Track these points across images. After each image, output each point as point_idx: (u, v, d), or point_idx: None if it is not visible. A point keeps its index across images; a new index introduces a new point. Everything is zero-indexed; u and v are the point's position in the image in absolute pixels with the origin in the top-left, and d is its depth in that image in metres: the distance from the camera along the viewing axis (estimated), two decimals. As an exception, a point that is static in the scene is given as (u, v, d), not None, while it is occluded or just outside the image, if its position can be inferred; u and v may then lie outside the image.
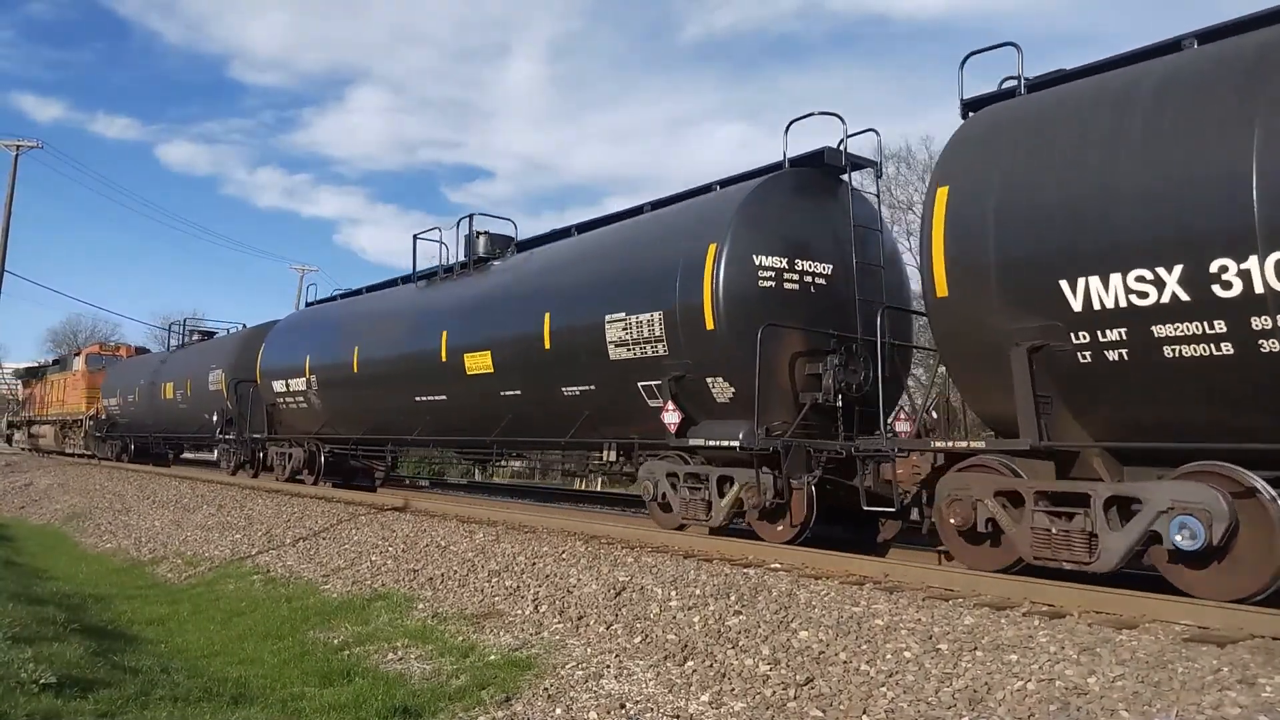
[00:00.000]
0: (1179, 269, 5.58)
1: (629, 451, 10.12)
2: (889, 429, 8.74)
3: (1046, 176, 6.36)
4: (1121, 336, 5.91)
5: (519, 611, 7.34)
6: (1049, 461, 6.54)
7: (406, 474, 22.49)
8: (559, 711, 5.30)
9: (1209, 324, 5.53)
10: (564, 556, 8.44)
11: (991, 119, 7.18)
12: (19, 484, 26.17)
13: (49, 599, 9.24)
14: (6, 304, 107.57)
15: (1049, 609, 5.60)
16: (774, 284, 8.81)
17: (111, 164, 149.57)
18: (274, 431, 18.58)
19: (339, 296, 18.42)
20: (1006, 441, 6.76)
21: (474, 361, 12.08)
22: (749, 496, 8.60)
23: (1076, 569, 6.19)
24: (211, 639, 7.95)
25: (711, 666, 5.54)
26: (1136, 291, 5.76)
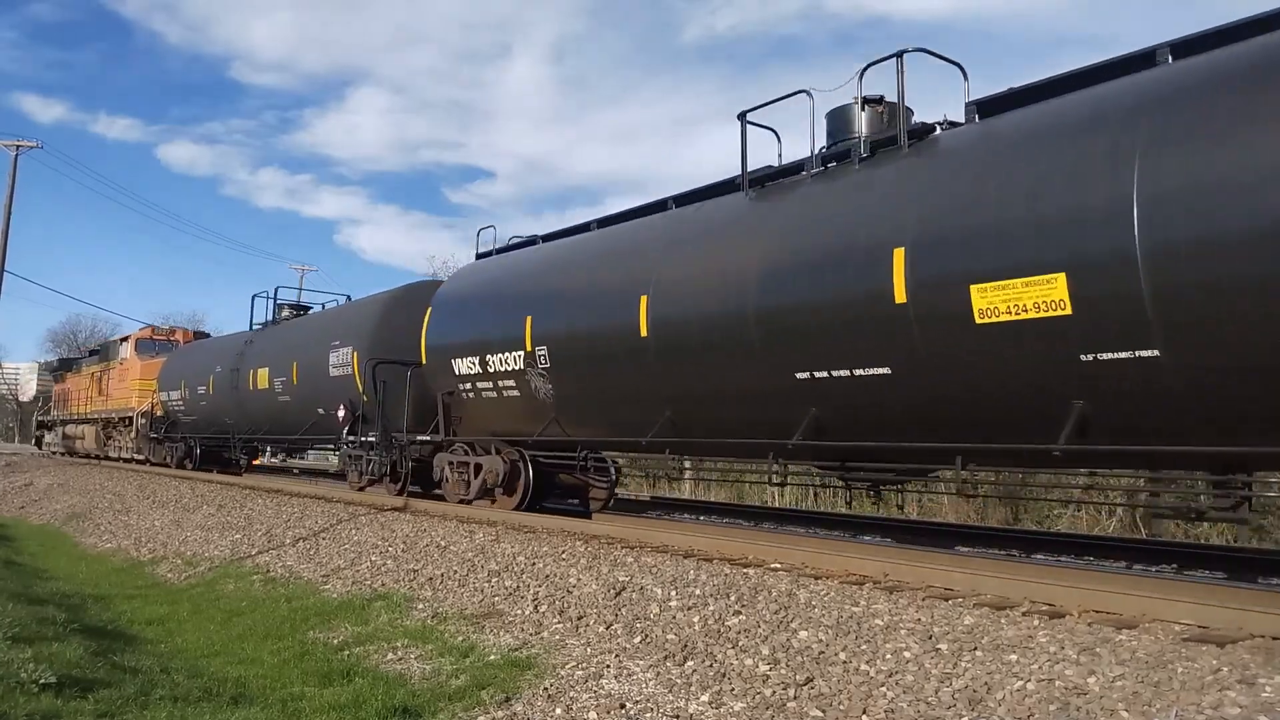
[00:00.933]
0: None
1: None
2: None
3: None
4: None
5: (519, 611, 7.34)
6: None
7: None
8: (559, 711, 5.30)
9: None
10: (564, 556, 8.44)
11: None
12: (19, 484, 26.17)
13: (49, 599, 9.24)
14: (6, 304, 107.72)
15: (1049, 609, 5.60)
16: None
17: (113, 165, 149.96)
18: (452, 431, 13.03)
19: (543, 238, 12.60)
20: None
21: (983, 300, 6.37)
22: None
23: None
24: (211, 639, 7.95)
25: (711, 666, 5.54)
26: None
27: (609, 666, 5.85)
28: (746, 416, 8.46)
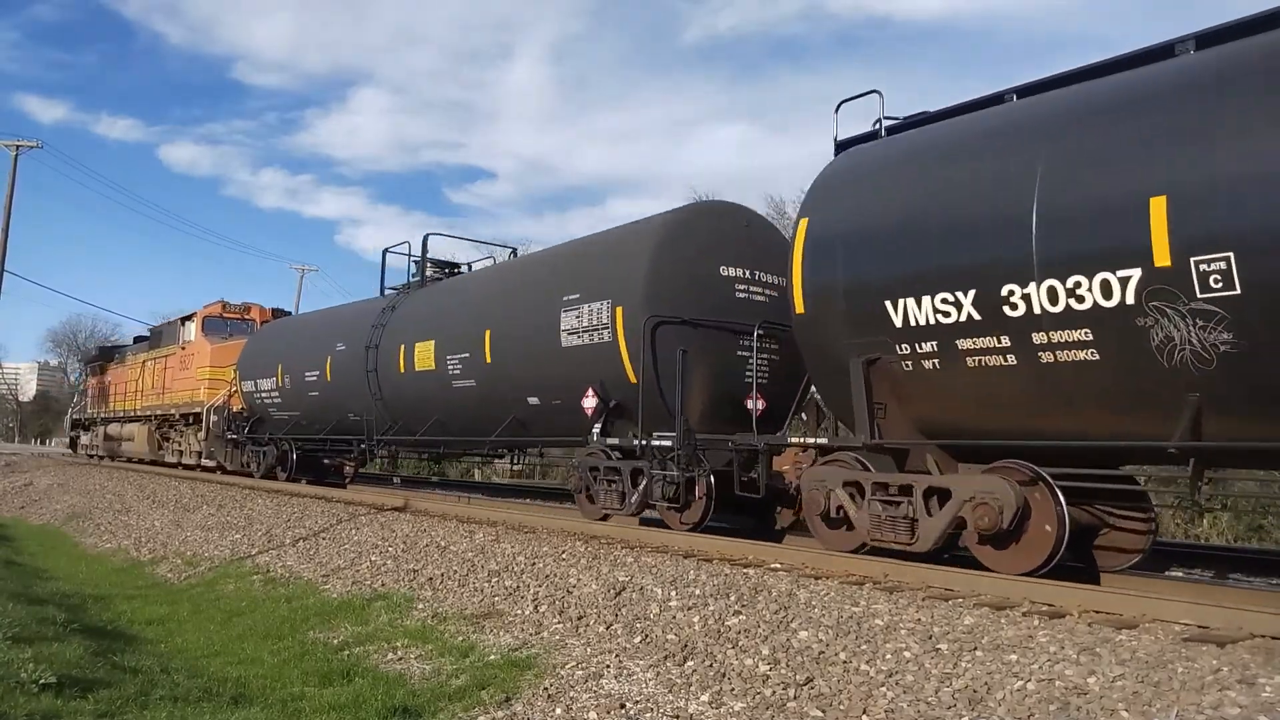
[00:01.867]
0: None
1: None
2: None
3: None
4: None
5: (519, 611, 7.34)
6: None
7: None
8: (559, 711, 5.30)
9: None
10: (564, 556, 8.44)
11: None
12: (19, 484, 26.17)
13: (49, 599, 9.25)
14: (6, 304, 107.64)
15: (1049, 609, 5.60)
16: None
17: (114, 165, 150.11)
18: (875, 428, 7.54)
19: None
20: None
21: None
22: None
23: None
24: (211, 639, 7.95)
25: (711, 666, 5.54)
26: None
27: (609, 666, 5.84)
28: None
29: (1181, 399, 5.76)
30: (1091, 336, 6.06)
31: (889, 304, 7.17)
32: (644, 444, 9.64)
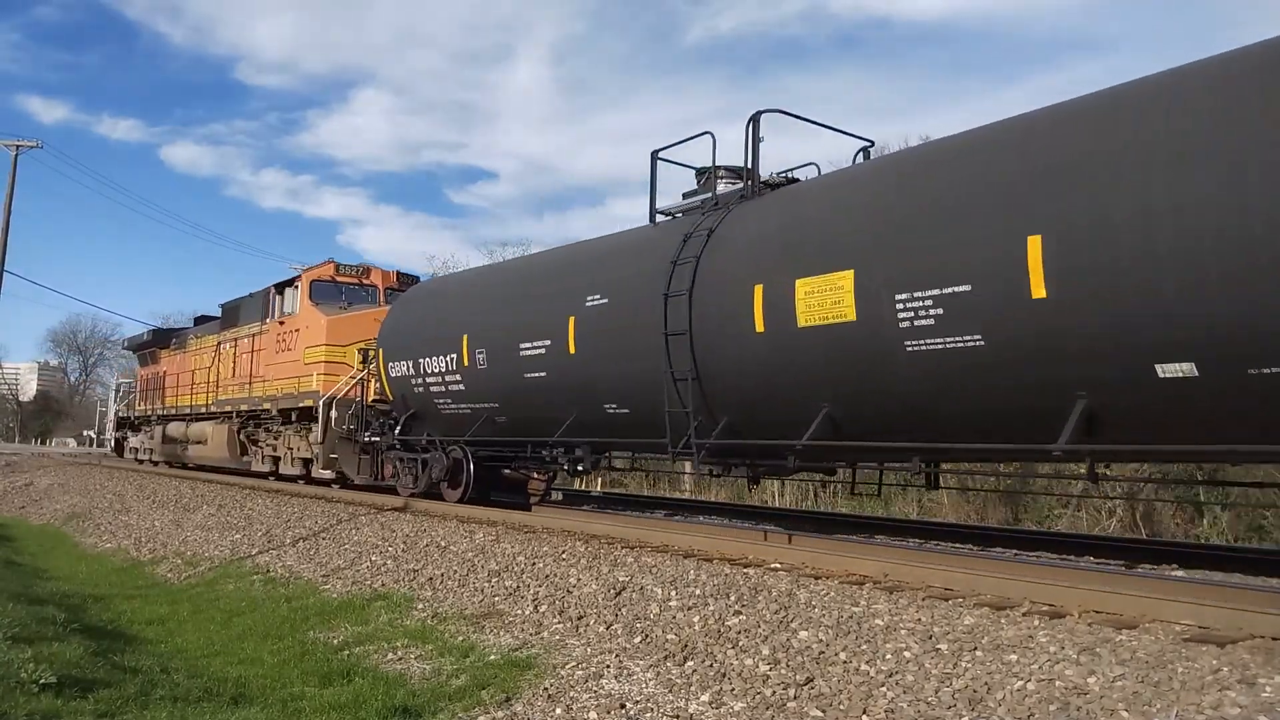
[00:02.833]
0: None
1: None
2: None
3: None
4: None
5: (519, 611, 7.34)
6: None
7: None
8: (559, 711, 5.30)
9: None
10: (564, 556, 8.44)
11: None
12: (19, 484, 26.17)
13: (49, 599, 9.25)
14: (6, 304, 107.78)
15: (1049, 609, 5.60)
16: None
17: (116, 166, 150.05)
18: None
19: None
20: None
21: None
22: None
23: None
24: (211, 639, 7.95)
25: (711, 666, 5.54)
26: None
27: (609, 666, 5.85)
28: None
29: None
30: None
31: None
32: None
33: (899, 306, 6.88)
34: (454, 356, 12.25)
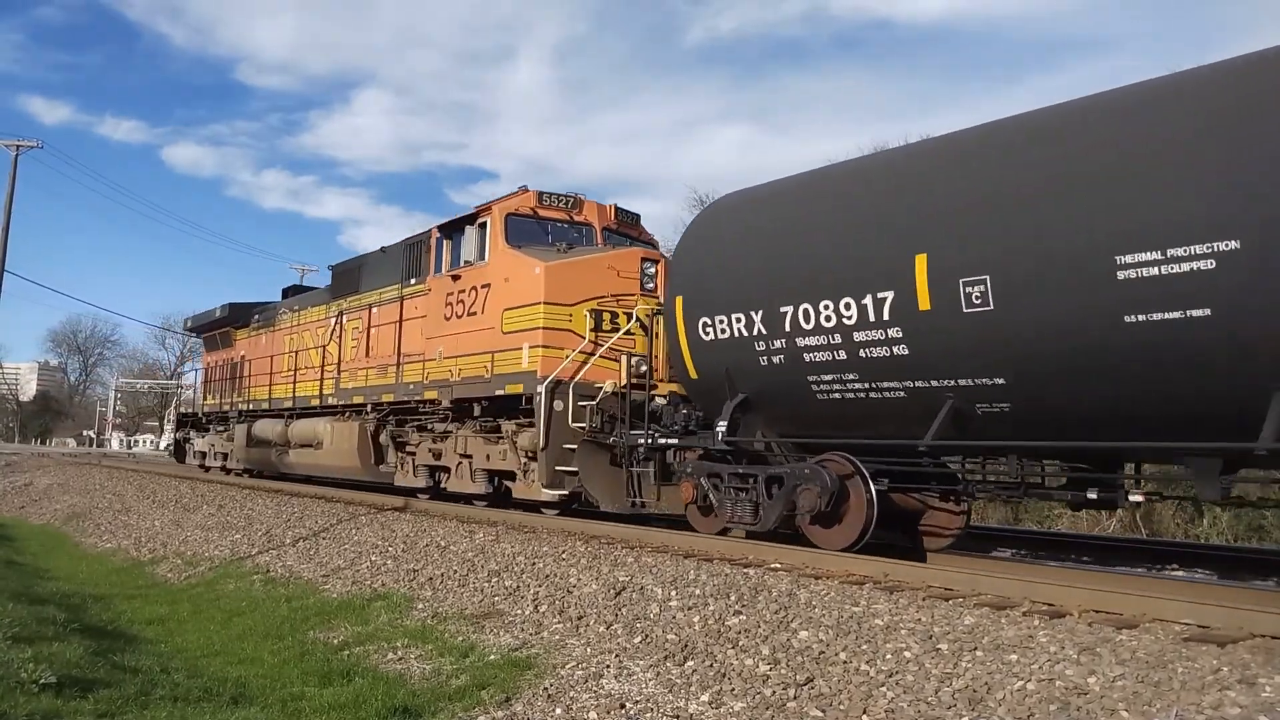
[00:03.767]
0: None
1: None
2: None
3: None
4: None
5: (519, 611, 7.34)
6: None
7: None
8: (559, 711, 5.30)
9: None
10: (564, 556, 8.44)
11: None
12: (19, 484, 26.19)
13: (49, 599, 9.25)
14: (6, 304, 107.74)
15: (1049, 609, 5.60)
16: None
17: (118, 167, 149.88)
18: None
19: None
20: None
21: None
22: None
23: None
24: (211, 639, 7.95)
25: (711, 666, 5.54)
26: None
27: (609, 666, 5.84)
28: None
29: None
30: None
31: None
32: None
33: None
34: (881, 298, 7.33)
